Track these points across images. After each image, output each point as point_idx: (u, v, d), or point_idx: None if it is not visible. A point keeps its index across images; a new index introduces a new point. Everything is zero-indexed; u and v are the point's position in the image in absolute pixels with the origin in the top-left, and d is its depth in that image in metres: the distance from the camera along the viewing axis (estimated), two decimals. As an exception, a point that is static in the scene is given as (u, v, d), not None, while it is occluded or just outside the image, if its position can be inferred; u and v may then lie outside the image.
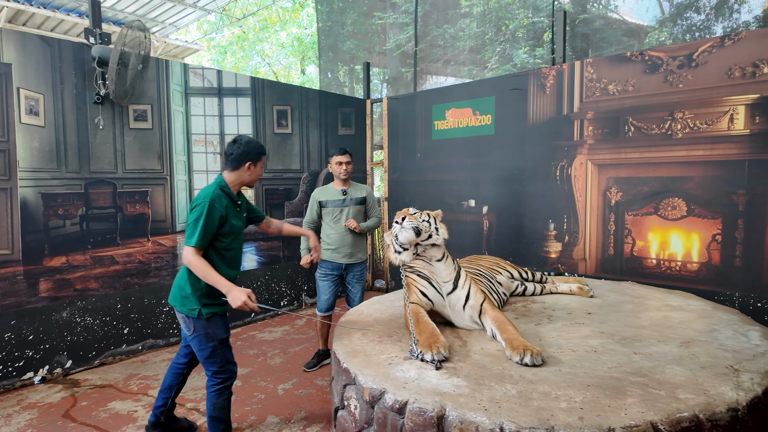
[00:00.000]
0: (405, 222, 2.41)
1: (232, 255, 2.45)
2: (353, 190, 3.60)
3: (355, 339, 2.42)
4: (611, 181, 4.22)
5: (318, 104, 5.49)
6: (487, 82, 5.02)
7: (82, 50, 3.69)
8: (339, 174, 3.51)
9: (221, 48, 14.93)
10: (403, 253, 2.47)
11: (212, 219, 2.26)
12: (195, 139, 4.41)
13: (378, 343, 2.35)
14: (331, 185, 3.63)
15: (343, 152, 3.52)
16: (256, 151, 2.44)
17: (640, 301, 3.09)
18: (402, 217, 2.43)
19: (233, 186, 2.45)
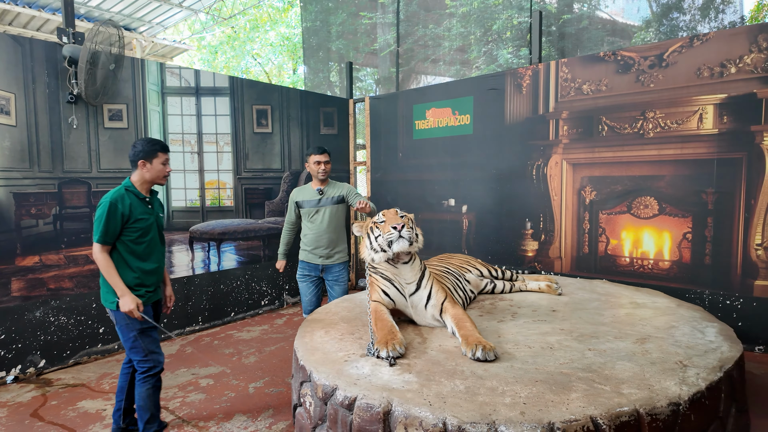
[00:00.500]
0: (404, 232, 2.40)
1: (144, 248, 2.53)
2: (331, 190, 3.51)
3: (317, 337, 2.44)
4: (585, 180, 4.26)
5: (299, 104, 5.50)
6: (466, 82, 5.05)
7: (55, 49, 3.69)
8: (317, 174, 3.44)
9: (212, 48, 14.91)
10: (380, 253, 2.48)
11: (113, 218, 2.39)
12: (172, 138, 4.42)
13: (338, 340, 2.37)
14: (309, 185, 3.58)
15: (321, 151, 3.45)
16: (147, 149, 2.51)
17: (607, 299, 3.13)
18: (401, 225, 2.40)
19: (140, 185, 2.56)
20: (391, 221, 2.44)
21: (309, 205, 3.46)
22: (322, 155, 3.44)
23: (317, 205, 3.45)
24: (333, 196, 3.48)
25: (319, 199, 3.46)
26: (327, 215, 3.47)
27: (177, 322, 4.50)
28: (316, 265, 3.51)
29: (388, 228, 2.42)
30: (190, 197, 4.59)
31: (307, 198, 3.50)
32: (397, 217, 2.48)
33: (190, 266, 4.58)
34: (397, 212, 2.55)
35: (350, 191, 3.51)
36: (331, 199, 3.47)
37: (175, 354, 4.05)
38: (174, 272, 4.46)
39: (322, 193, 3.47)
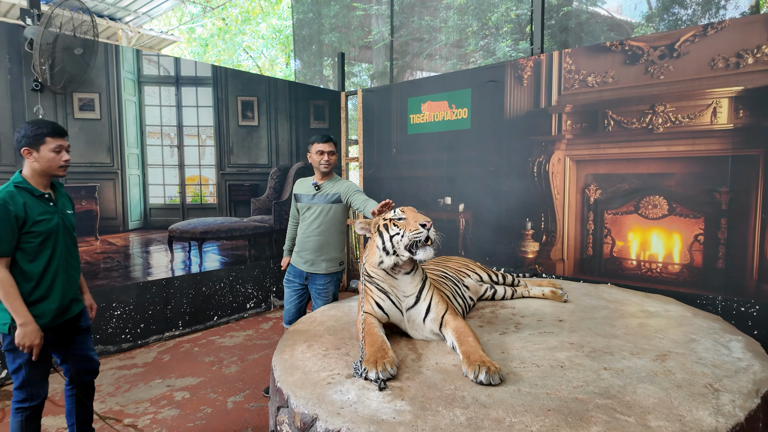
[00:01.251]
0: (432, 233, 2.11)
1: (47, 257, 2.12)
2: (329, 186, 3.10)
3: (298, 352, 2.18)
4: (590, 178, 4.02)
5: (288, 96, 5.21)
6: (463, 74, 4.79)
7: (18, 32, 3.38)
8: (319, 165, 3.05)
9: (202, 41, 14.54)
10: (391, 257, 2.19)
11: (6, 223, 1.98)
12: (150, 131, 4.12)
13: (322, 357, 2.11)
14: (311, 177, 3.21)
15: (326, 139, 3.06)
16: (30, 133, 2.06)
17: (616, 307, 2.89)
18: (430, 224, 2.11)
19: (33, 179, 2.11)
20: (415, 218, 2.15)
21: (304, 200, 3.15)
22: (326, 144, 3.05)
23: (310, 201, 3.12)
24: (329, 193, 3.08)
25: (313, 194, 3.11)
26: (317, 214, 3.09)
27: (155, 327, 4.23)
28: (300, 271, 3.16)
29: (415, 225, 2.11)
30: (170, 194, 4.30)
31: (304, 191, 3.17)
32: (422, 215, 2.20)
33: (169, 267, 4.30)
34: (416, 210, 2.29)
35: (349, 190, 3.02)
36: (326, 197, 3.08)
37: (152, 362, 3.77)
38: (152, 274, 4.18)
39: (318, 188, 3.10)
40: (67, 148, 2.19)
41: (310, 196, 3.11)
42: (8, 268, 2.02)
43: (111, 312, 3.94)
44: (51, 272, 2.13)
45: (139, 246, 4.10)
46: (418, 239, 2.11)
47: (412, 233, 2.12)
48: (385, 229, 2.23)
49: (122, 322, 4.00)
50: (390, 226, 2.21)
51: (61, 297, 2.17)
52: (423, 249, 2.12)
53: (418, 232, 2.11)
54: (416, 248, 2.13)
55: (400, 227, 2.18)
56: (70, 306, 2.25)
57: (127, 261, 4.01)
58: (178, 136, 4.32)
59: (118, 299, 3.97)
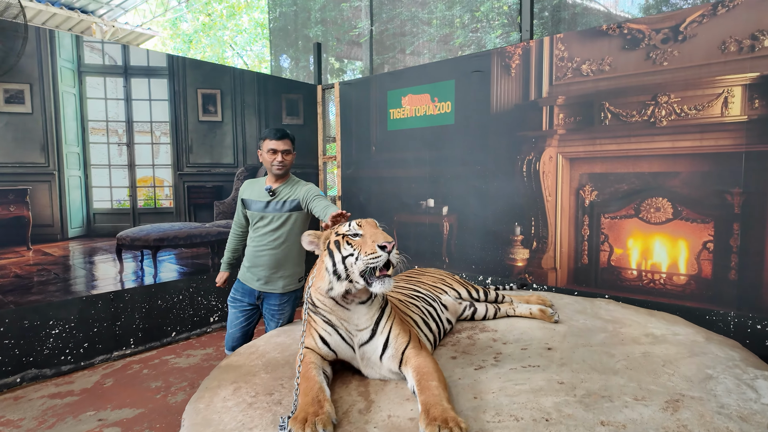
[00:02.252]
0: (394, 254, 1.68)
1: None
2: (287, 190, 2.62)
3: (218, 400, 1.75)
4: (585, 178, 3.60)
5: (256, 89, 4.78)
6: (446, 63, 4.36)
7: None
8: (272, 166, 2.58)
9: (186, 36, 14.07)
10: (343, 282, 1.74)
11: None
12: (93, 127, 3.68)
13: (247, 407, 1.68)
14: (263, 179, 2.76)
15: (280, 135, 2.57)
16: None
17: (615, 329, 2.47)
18: (392, 245, 1.66)
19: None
20: (374, 237, 1.70)
21: (255, 208, 2.69)
22: (279, 141, 2.56)
23: (263, 210, 2.65)
24: (287, 200, 2.62)
25: (267, 201, 2.64)
26: (273, 226, 2.63)
27: (102, 346, 3.79)
28: (251, 289, 2.70)
29: (372, 247, 1.66)
30: (118, 197, 3.86)
31: (254, 197, 2.70)
32: (382, 232, 1.75)
33: (118, 279, 3.86)
34: (377, 224, 1.86)
35: (309, 194, 2.55)
36: (283, 205, 2.61)
37: (91, 388, 3.33)
38: (97, 287, 3.74)
39: (273, 194, 2.62)
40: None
41: (263, 204, 2.66)
42: None
43: (47, 331, 3.50)
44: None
45: (81, 256, 3.66)
46: (375, 265, 1.67)
47: (369, 257, 1.68)
48: (337, 247, 1.79)
49: (61, 342, 3.56)
50: (342, 244, 1.78)
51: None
52: (380, 281, 1.67)
53: (375, 256, 1.67)
54: (373, 277, 1.69)
55: (355, 246, 1.74)
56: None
57: (66, 273, 3.57)
58: (127, 132, 3.88)
59: (56, 316, 3.53)
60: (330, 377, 1.80)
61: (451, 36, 6.24)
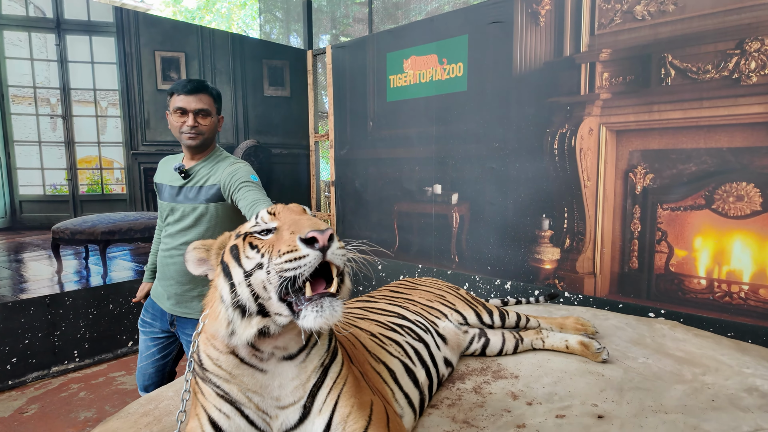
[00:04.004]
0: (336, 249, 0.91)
1: None
2: (205, 171, 1.87)
3: None
4: (636, 156, 2.75)
5: (230, 53, 4.01)
6: (458, 14, 3.51)
7: None
8: (181, 135, 1.84)
9: (189, 12, 13.38)
10: (253, 319, 0.97)
11: None
12: (15, 94, 2.99)
13: None
14: (181, 156, 2.00)
15: (191, 88, 1.80)
16: None
17: (695, 375, 1.66)
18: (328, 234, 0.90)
19: None
20: (294, 226, 0.95)
21: (165, 196, 1.94)
22: (191, 96, 1.80)
23: (173, 198, 1.90)
24: (204, 184, 1.86)
25: (179, 187, 1.90)
26: (186, 223, 1.87)
27: (35, 360, 3.14)
28: (163, 311, 1.97)
29: (291, 242, 0.91)
30: (52, 182, 3.17)
31: (166, 180, 1.96)
32: (309, 218, 0.99)
33: (55, 280, 3.19)
34: (305, 210, 1.08)
35: (234, 179, 1.76)
36: (201, 192, 1.85)
37: (7, 419, 2.69)
38: (27, 290, 3.08)
39: (186, 175, 1.88)
40: None
41: (174, 191, 1.90)
42: None
43: (-38, 344, 2.86)
44: None
45: (4, 253, 3.00)
46: (297, 273, 0.90)
47: (284, 260, 0.91)
48: (235, 257, 1.02)
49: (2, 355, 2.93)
50: (244, 251, 1.01)
51: None
52: (315, 305, 0.90)
53: (295, 257, 0.90)
54: (300, 299, 0.92)
55: (264, 250, 0.97)
56: None
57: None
58: (63, 102, 3.17)
59: (-27, 326, 2.89)
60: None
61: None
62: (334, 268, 0.93)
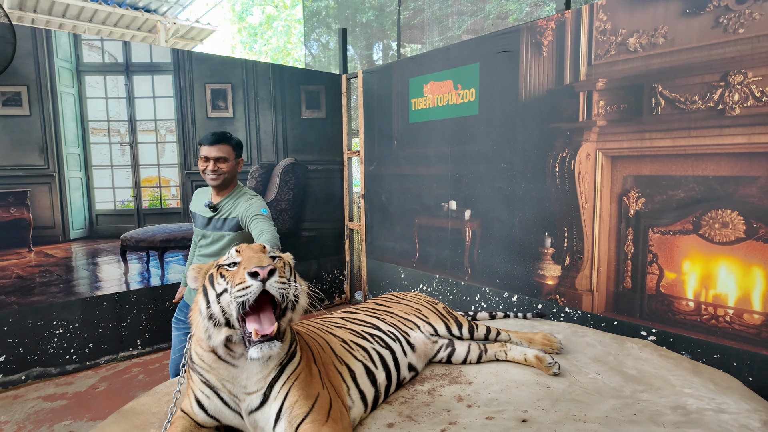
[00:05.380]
0: (274, 282, 1.29)
1: None
2: (229, 205, 2.28)
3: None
4: (630, 181, 2.87)
5: (271, 81, 4.51)
6: (471, 44, 3.75)
7: (-77, 20, 2.99)
8: (205, 176, 2.30)
9: (252, 28, 14.37)
10: (221, 329, 1.37)
11: None
12: (94, 127, 3.63)
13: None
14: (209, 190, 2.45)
15: (214, 140, 2.23)
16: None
17: (634, 393, 1.84)
18: (268, 270, 1.28)
19: None
20: (247, 263, 1.34)
21: (198, 223, 2.41)
22: (212, 147, 2.23)
23: (204, 227, 2.36)
24: (227, 217, 2.28)
25: (209, 218, 2.34)
26: (215, 248, 2.30)
27: (107, 346, 3.79)
28: None
29: (242, 275, 1.30)
30: (121, 198, 3.81)
31: (198, 210, 2.41)
32: (260, 257, 1.38)
33: (123, 281, 3.83)
34: (265, 249, 1.48)
35: (248, 212, 2.18)
36: (225, 223, 2.28)
37: (83, 392, 3.32)
38: (101, 288, 3.73)
39: (215, 210, 2.31)
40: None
41: (205, 221, 2.35)
42: None
43: (51, 331, 3.54)
44: None
45: (84, 257, 3.66)
46: (243, 299, 1.29)
47: (236, 289, 1.30)
48: (210, 282, 1.43)
49: (66, 342, 3.60)
50: (216, 278, 1.41)
51: None
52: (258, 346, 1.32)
53: (243, 287, 1.29)
54: (250, 339, 1.32)
55: (228, 279, 1.37)
56: None
57: (69, 274, 3.59)
58: (129, 131, 3.80)
59: (60, 317, 3.56)
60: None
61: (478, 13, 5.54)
62: (285, 295, 1.31)
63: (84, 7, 8.63)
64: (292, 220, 4.76)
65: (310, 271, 4.97)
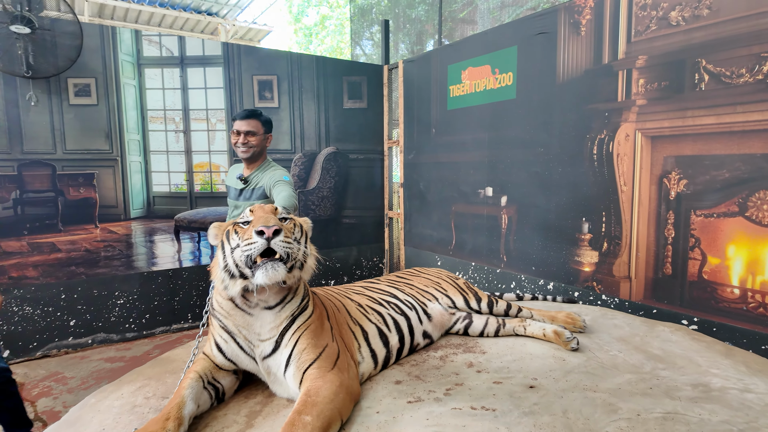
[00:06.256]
0: (278, 241, 1.42)
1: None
2: (258, 177, 2.48)
3: (117, 395, 1.66)
4: (671, 162, 2.74)
5: (315, 72, 4.69)
6: (508, 27, 3.71)
7: (11, 20, 3.39)
8: (236, 149, 2.47)
9: (307, 28, 14.82)
10: (236, 280, 1.49)
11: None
12: (152, 115, 3.96)
13: (130, 409, 1.55)
14: (241, 165, 2.63)
15: (244, 115, 2.40)
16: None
17: (653, 370, 1.78)
18: (273, 230, 1.42)
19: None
20: (256, 222, 1.47)
21: (231, 195, 2.60)
22: (242, 121, 2.39)
23: (236, 197, 2.53)
24: (255, 187, 2.44)
25: (240, 189, 2.51)
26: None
27: (161, 318, 4.11)
28: None
29: (250, 233, 1.45)
30: (175, 181, 4.11)
31: (232, 183, 2.59)
32: (272, 217, 1.51)
33: (176, 258, 4.14)
34: (276, 210, 1.59)
35: (272, 180, 2.35)
36: (254, 193, 2.44)
37: (139, 357, 3.63)
38: (157, 264, 4.05)
39: (246, 181, 2.48)
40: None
41: (237, 192, 2.53)
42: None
43: (113, 301, 3.90)
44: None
45: (142, 235, 4.00)
46: (249, 253, 1.42)
47: (244, 244, 1.43)
48: (227, 238, 1.56)
49: (126, 312, 3.94)
50: (231, 235, 1.54)
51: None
52: (262, 268, 1.41)
53: (249, 243, 1.42)
54: (256, 267, 1.43)
55: (240, 236, 1.49)
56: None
57: (129, 250, 3.94)
58: (183, 120, 4.10)
59: (121, 288, 3.91)
60: (226, 390, 1.58)
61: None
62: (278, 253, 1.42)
63: (154, 13, 9.31)
64: (333, 207, 4.91)
65: (350, 258, 5.10)
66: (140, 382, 1.76)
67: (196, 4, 9.71)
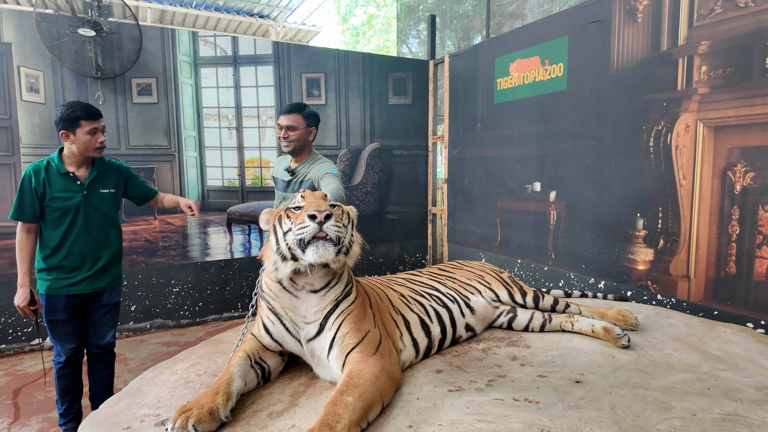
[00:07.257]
0: (329, 225, 1.47)
1: (63, 232, 2.25)
2: (305, 169, 2.52)
3: (172, 372, 1.76)
4: (736, 154, 2.56)
5: (361, 69, 4.74)
6: (558, 17, 3.60)
7: (82, 25, 3.66)
8: (280, 142, 2.53)
9: (354, 28, 15.00)
10: (288, 262, 1.54)
11: (24, 192, 2.20)
12: (206, 113, 4.15)
13: (183, 384, 1.65)
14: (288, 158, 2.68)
15: (287, 110, 2.45)
16: (66, 116, 2.17)
17: (711, 371, 1.68)
18: (324, 214, 1.46)
19: (69, 158, 2.28)
20: (308, 207, 1.52)
21: (279, 187, 2.68)
22: (284, 116, 2.45)
23: (285, 189, 2.60)
24: (303, 179, 2.49)
25: (287, 182, 2.58)
26: None
27: (213, 306, 4.31)
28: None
29: (302, 217, 1.49)
30: (228, 176, 4.29)
31: (279, 175, 2.66)
32: (323, 202, 1.56)
33: (228, 249, 4.32)
34: (326, 197, 1.65)
35: (320, 172, 2.38)
36: (301, 185, 2.49)
37: (192, 342, 3.82)
38: (210, 255, 4.25)
39: (293, 174, 2.54)
40: (102, 129, 2.29)
41: (284, 184, 2.60)
42: (31, 233, 2.25)
43: (170, 289, 4.12)
44: (67, 245, 2.26)
45: (197, 227, 4.20)
46: (301, 236, 1.47)
47: (297, 228, 1.49)
48: (279, 222, 1.61)
49: (180, 300, 4.16)
50: (284, 219, 1.60)
51: (77, 269, 2.29)
52: (314, 246, 1.46)
53: (302, 226, 1.47)
54: (307, 247, 1.48)
55: (293, 220, 1.54)
56: (93, 281, 2.33)
57: (185, 241, 4.15)
58: (236, 117, 4.26)
59: (177, 277, 4.13)
60: (272, 370, 1.64)
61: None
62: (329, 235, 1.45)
63: (209, 17, 9.73)
64: (376, 202, 4.95)
65: (392, 253, 5.13)
66: (193, 360, 1.86)
67: (248, 8, 10.06)
